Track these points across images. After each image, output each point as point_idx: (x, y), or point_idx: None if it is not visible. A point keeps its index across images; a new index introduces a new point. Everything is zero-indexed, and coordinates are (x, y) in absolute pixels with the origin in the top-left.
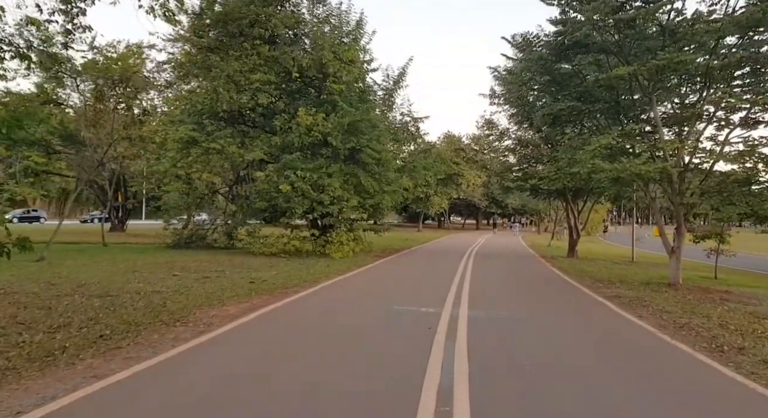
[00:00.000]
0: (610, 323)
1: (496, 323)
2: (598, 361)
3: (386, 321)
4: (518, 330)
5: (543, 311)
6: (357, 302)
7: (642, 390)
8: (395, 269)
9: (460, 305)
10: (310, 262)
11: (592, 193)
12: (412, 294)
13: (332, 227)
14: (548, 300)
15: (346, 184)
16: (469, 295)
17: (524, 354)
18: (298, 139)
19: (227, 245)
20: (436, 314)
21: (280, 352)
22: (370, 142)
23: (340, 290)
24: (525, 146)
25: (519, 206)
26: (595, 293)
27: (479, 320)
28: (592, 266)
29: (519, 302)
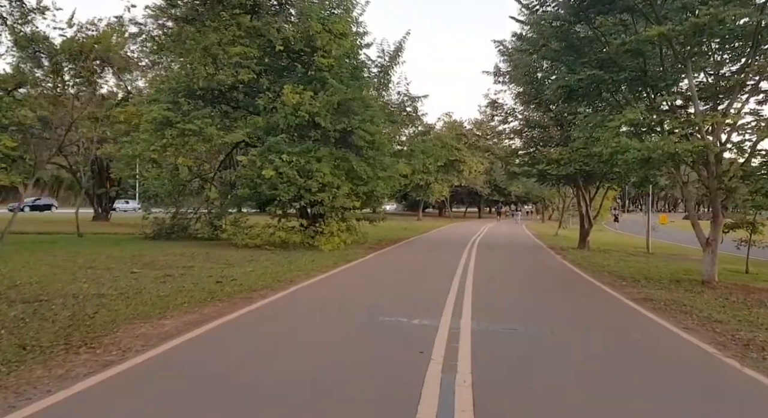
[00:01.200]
0: (654, 340)
1: (509, 344)
2: (662, 410)
3: (365, 342)
4: (538, 354)
5: (564, 323)
6: (333, 311)
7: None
8: (388, 263)
9: (462, 313)
10: (295, 255)
11: (606, 178)
12: (404, 298)
13: (322, 217)
14: (568, 306)
15: (337, 169)
16: (472, 299)
17: (552, 398)
18: (284, 120)
19: (211, 235)
20: (431, 328)
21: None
22: (362, 124)
23: (317, 293)
24: (532, 128)
25: (522, 194)
26: (621, 294)
27: (486, 338)
28: (607, 259)
29: (533, 309)
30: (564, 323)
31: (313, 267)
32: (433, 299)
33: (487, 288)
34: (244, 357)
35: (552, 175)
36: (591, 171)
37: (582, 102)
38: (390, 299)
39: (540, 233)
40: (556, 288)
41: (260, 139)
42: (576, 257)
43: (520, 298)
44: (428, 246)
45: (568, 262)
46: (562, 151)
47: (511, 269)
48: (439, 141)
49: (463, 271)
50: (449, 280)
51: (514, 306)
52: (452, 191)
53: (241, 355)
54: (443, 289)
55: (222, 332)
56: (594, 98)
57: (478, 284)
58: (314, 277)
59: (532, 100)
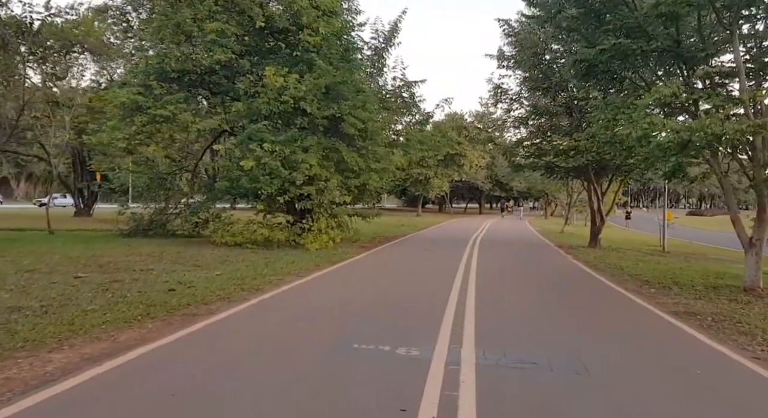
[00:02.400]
0: (722, 379)
1: (529, 389)
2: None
3: (324, 391)
4: (572, 407)
5: (596, 351)
6: (296, 333)
7: None
8: (378, 266)
9: (462, 337)
10: (276, 255)
11: (620, 171)
12: (389, 314)
13: (310, 212)
14: (594, 323)
15: (326, 160)
16: (475, 314)
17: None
18: (266, 106)
19: (192, 232)
20: (420, 362)
21: None
22: (353, 110)
23: (282, 306)
24: (540, 115)
25: (524, 189)
26: (653, 305)
27: (497, 378)
28: (622, 259)
29: (553, 330)
30: (595, 351)
31: (291, 270)
32: (427, 315)
33: (492, 298)
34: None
35: (560, 168)
36: (603, 163)
37: (601, 80)
38: (372, 314)
39: (545, 229)
40: (576, 298)
41: (243, 128)
42: (589, 256)
43: (534, 312)
44: (425, 245)
45: (582, 263)
46: (576, 137)
47: (519, 274)
48: (438, 130)
49: (464, 275)
50: (447, 288)
51: (529, 325)
52: (452, 186)
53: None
54: (439, 300)
55: (121, 375)
56: (614, 77)
57: (482, 292)
58: (287, 283)
59: (540, 85)
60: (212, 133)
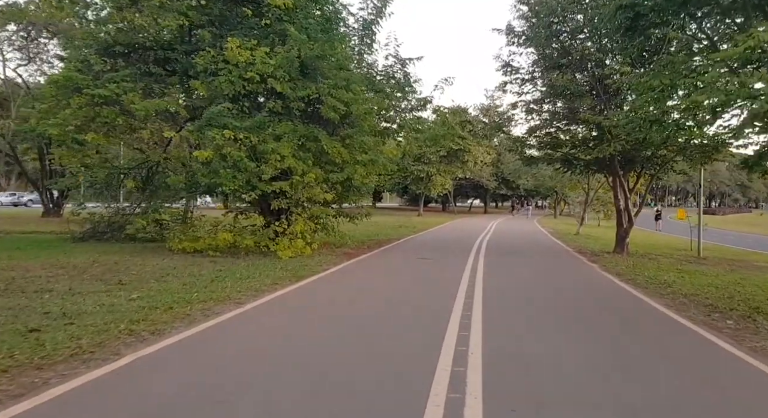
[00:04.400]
0: None
1: None
2: None
3: None
4: None
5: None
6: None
7: None
8: (354, 284)
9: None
10: (234, 267)
11: (652, 162)
12: (343, 386)
13: (287, 213)
14: (666, 391)
15: (302, 150)
16: (483, 372)
17: None
18: (229, 86)
19: (155, 236)
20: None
21: None
22: (334, 90)
23: (171, 370)
24: (558, 96)
25: (532, 187)
26: (755, 357)
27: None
28: (660, 270)
29: (605, 402)
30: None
31: (235, 291)
32: (404, 388)
33: (506, 338)
34: None
35: (580, 161)
36: (631, 154)
37: (646, 40)
38: (316, 385)
39: (557, 230)
40: (632, 345)
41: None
42: (619, 266)
43: (568, 363)
44: (422, 251)
45: (615, 276)
46: (602, 121)
47: (539, 299)
48: (439, 117)
49: (466, 297)
50: (442, 317)
51: (564, 386)
52: (456, 184)
53: None
54: (431, 343)
55: None
56: (660, 37)
57: (490, 324)
58: (209, 318)
59: (557, 62)
60: (178, 119)
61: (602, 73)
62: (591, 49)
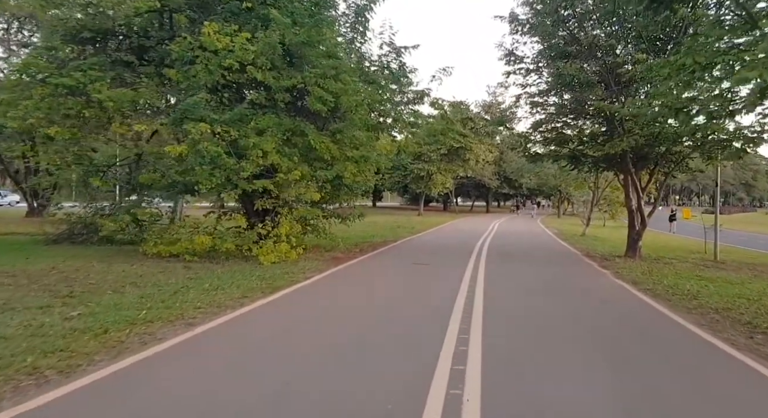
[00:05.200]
0: None
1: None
2: None
3: None
4: None
5: None
6: None
7: None
8: (334, 298)
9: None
10: (208, 274)
11: (666, 159)
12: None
13: (272, 213)
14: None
15: (287, 145)
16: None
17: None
18: (206, 75)
19: (135, 238)
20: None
21: None
22: (322, 80)
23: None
24: (566, 86)
25: (534, 186)
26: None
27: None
28: (679, 276)
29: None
30: None
31: (195, 307)
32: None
33: (514, 374)
34: None
35: (589, 157)
36: (644, 151)
37: (677, 11)
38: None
39: (562, 231)
40: (665, 379)
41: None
42: (634, 273)
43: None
44: (418, 254)
45: (630, 285)
46: (615, 111)
47: (548, 315)
48: (436, 108)
49: (464, 312)
50: (434, 341)
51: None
52: (458, 183)
53: None
54: (419, 383)
55: None
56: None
57: (492, 353)
58: (154, 344)
59: (565, 50)
60: (156, 112)
61: (614, 62)
62: (601, 35)
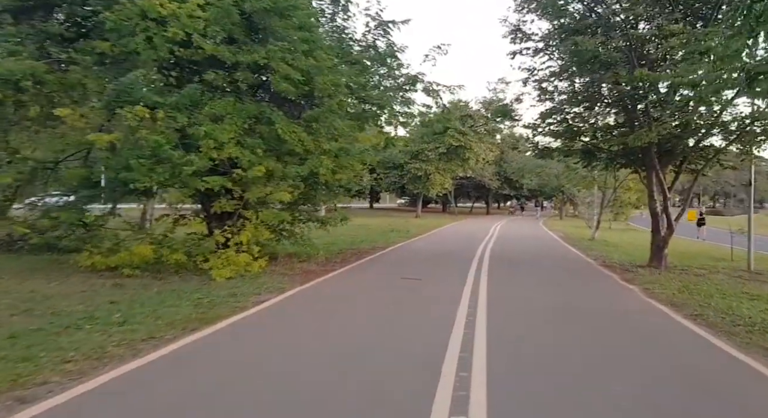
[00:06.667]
0: None
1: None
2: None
3: None
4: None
5: None
6: None
7: None
8: (286, 335)
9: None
10: (138, 295)
11: (696, 153)
12: None
13: (235, 218)
14: None
15: (250, 136)
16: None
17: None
18: (148, 49)
19: (81, 244)
20: None
21: None
22: (290, 55)
23: None
24: (585, 64)
25: (536, 187)
26: None
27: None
28: (726, 296)
29: None
30: None
31: (62, 360)
32: None
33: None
34: None
35: (604, 153)
36: (672, 143)
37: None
38: None
39: (568, 234)
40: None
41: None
42: (669, 290)
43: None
44: (409, 265)
45: (670, 308)
46: (659, 76)
47: (575, 364)
48: (431, 95)
49: (459, 368)
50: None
51: None
52: (457, 184)
53: None
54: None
55: None
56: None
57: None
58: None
59: (581, 24)
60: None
61: (639, 35)
62: (622, 6)
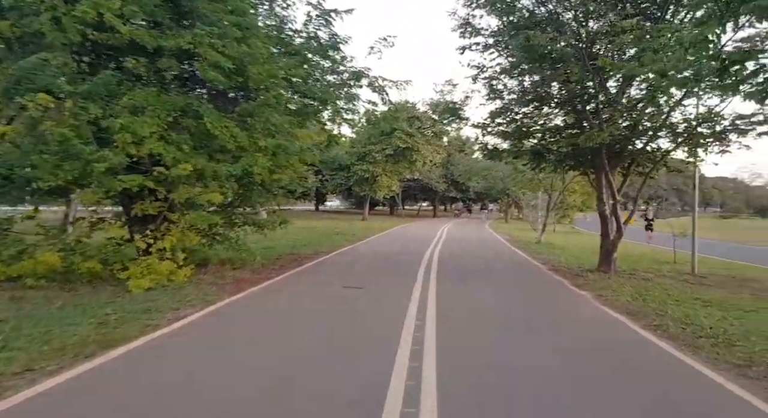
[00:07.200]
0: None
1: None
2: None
3: None
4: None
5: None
6: None
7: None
8: (194, 366)
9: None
10: (34, 313)
11: (644, 156)
12: None
13: (160, 221)
14: None
15: (176, 130)
16: None
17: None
18: (53, 31)
19: None
20: None
21: None
22: (220, 42)
23: None
24: (536, 61)
25: (482, 190)
26: None
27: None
28: (681, 303)
29: None
30: None
31: None
32: None
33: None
34: None
35: (554, 153)
36: (622, 145)
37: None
38: None
39: (515, 237)
40: None
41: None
42: (622, 296)
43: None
44: (353, 271)
45: (627, 317)
46: (619, 66)
47: (529, 379)
48: (377, 91)
49: (405, 399)
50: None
51: None
52: (404, 186)
53: None
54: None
55: None
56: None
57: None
58: None
59: (532, 21)
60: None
61: (590, 31)
62: (572, 2)
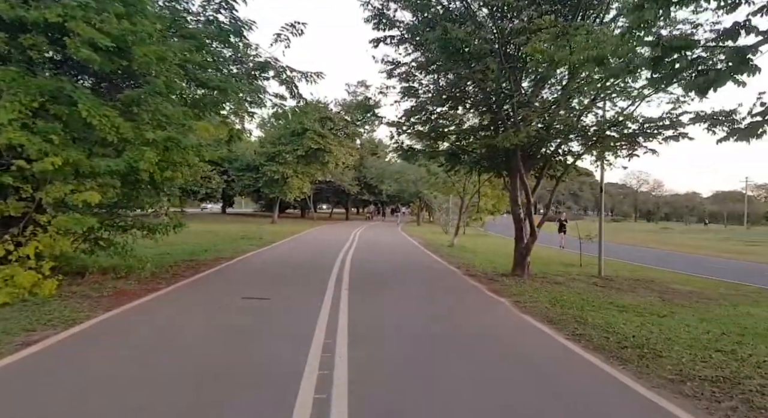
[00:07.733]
0: None
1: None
2: None
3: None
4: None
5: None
6: None
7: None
8: (57, 402)
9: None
10: None
11: (555, 159)
12: None
13: (24, 223)
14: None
15: (41, 117)
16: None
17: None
18: None
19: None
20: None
21: None
22: (98, 17)
23: None
24: (452, 56)
25: (394, 193)
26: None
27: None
28: (597, 309)
29: None
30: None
31: None
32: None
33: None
34: None
35: (469, 155)
36: (536, 147)
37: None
38: None
39: (427, 241)
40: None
41: None
42: (540, 302)
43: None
44: (257, 280)
45: (548, 326)
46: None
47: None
48: (284, 83)
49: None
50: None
51: None
52: (316, 188)
53: None
54: None
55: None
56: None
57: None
58: None
59: (448, 17)
60: None
61: (504, 28)
62: None
